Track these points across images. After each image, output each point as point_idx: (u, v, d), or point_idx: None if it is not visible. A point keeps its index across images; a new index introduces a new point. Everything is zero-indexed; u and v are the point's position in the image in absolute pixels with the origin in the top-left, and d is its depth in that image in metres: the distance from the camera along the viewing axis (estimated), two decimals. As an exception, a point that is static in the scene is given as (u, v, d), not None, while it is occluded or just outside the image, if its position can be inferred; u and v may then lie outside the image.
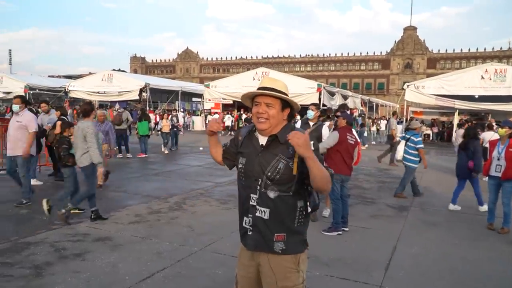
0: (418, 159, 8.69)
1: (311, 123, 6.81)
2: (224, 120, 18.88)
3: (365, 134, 28.17)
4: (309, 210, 2.35)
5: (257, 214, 2.28)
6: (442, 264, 4.99)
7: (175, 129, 16.76)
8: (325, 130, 6.87)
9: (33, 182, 8.54)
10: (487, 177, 6.90)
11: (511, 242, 5.87)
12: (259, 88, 2.28)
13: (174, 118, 17.24)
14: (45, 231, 5.57)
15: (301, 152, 2.06)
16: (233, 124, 28.17)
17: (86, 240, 5.30)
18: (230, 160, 2.52)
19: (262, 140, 2.31)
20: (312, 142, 2.20)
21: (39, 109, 11.07)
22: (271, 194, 2.24)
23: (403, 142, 9.05)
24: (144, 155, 14.12)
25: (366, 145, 21.27)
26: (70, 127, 6.50)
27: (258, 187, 2.27)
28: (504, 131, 6.45)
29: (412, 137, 8.75)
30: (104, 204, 7.21)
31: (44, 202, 6.18)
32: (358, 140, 6.52)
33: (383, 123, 27.36)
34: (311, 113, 6.83)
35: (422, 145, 8.70)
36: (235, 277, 2.50)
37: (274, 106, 2.24)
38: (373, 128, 32.70)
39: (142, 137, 14.41)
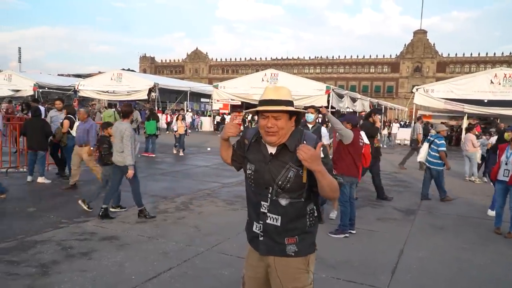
0: (441, 161, 8.73)
1: (310, 125, 6.88)
2: (184, 118, 17.84)
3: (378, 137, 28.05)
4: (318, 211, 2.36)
5: (268, 221, 2.27)
6: (449, 268, 4.95)
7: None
8: (324, 131, 7.16)
9: (41, 180, 8.66)
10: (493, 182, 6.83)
11: (519, 247, 5.80)
12: (263, 101, 2.22)
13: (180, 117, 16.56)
14: (52, 230, 5.60)
15: (308, 166, 2.07)
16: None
17: (93, 239, 5.33)
18: (238, 162, 2.51)
19: (271, 148, 2.28)
20: (321, 149, 2.17)
21: (53, 107, 11.12)
22: (283, 202, 2.24)
23: (426, 145, 9.13)
24: (152, 155, 14.13)
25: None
26: (109, 127, 6.69)
27: (269, 195, 2.25)
28: (509, 136, 6.40)
29: (435, 140, 8.78)
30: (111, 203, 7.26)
31: (81, 202, 6.55)
32: (367, 142, 6.51)
33: (395, 126, 27.14)
34: (310, 117, 6.91)
35: (444, 148, 8.72)
36: (242, 277, 2.50)
37: (282, 117, 2.19)
38: (384, 132, 32.52)
39: (150, 136, 14.41)
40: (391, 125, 29.97)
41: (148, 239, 5.43)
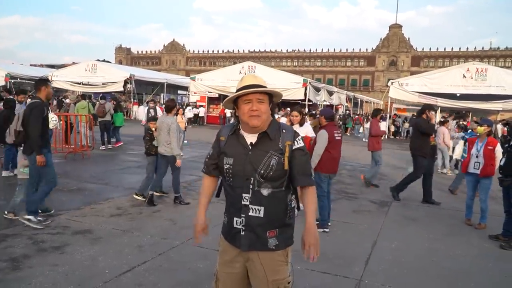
0: None
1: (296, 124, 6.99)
2: (184, 113, 17.49)
3: (361, 130, 28.17)
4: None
5: (251, 213, 2.27)
6: (421, 259, 5.07)
7: None
8: (309, 128, 7.16)
9: (5, 174, 8.45)
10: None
11: (487, 237, 5.99)
12: (244, 87, 2.26)
13: (151, 111, 14.64)
14: (23, 224, 5.47)
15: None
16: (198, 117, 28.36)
17: (65, 232, 5.23)
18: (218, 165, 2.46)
19: (250, 138, 2.30)
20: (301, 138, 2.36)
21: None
22: (265, 192, 2.25)
23: (461, 142, 9.22)
24: (121, 143, 14.41)
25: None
26: (153, 121, 7.29)
27: (251, 186, 2.25)
28: (483, 129, 6.57)
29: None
30: (85, 196, 7.14)
31: (136, 196, 7.07)
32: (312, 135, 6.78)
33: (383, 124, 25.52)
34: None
35: None
36: (214, 274, 2.49)
37: (264, 101, 2.26)
38: (366, 125, 32.74)
39: (117, 127, 14.63)
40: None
41: (123, 232, 5.37)
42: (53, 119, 8.80)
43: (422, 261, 5.00)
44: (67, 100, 24.74)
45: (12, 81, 30.87)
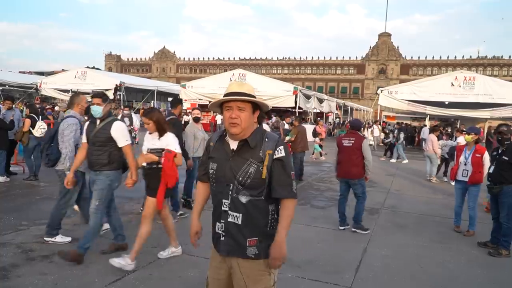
0: None
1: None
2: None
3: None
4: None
5: (230, 219, 2.28)
6: (411, 266, 5.11)
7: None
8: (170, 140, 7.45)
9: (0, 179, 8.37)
10: (453, 182, 7.08)
11: (476, 244, 6.05)
12: (228, 94, 2.27)
13: (126, 119, 11.66)
14: (12, 232, 5.41)
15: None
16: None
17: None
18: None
19: (233, 144, 2.31)
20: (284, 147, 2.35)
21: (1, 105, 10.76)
22: (243, 199, 2.26)
23: None
24: None
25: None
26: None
27: (230, 192, 2.27)
28: (471, 138, 6.66)
29: None
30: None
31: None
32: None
33: (376, 130, 22.94)
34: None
35: None
36: (206, 279, 2.51)
37: (245, 109, 2.25)
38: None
39: None
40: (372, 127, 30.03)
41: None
42: (41, 127, 8.77)
43: (412, 268, 5.03)
44: (56, 108, 24.55)
45: (0, 88, 30.60)
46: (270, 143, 2.28)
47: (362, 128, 22.37)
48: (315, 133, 17.34)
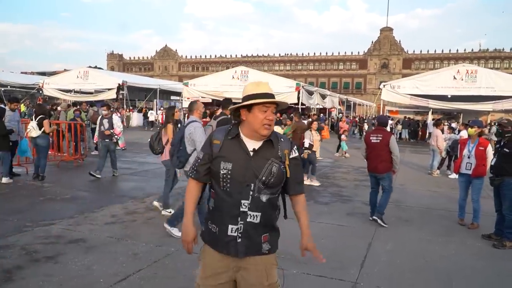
0: None
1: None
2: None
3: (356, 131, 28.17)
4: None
5: (249, 219, 2.24)
6: (416, 260, 5.09)
7: (107, 140, 10.00)
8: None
9: (4, 180, 8.39)
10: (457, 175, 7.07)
11: (480, 236, 6.04)
12: (262, 94, 2.31)
13: (105, 121, 10.06)
14: (16, 234, 5.42)
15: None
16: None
17: (59, 242, 5.18)
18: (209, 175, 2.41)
19: (251, 144, 2.28)
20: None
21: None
22: (264, 198, 2.26)
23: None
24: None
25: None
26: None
27: (251, 192, 2.23)
28: (474, 131, 6.64)
29: None
30: (78, 205, 7.10)
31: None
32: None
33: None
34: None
35: None
36: None
37: (274, 111, 2.33)
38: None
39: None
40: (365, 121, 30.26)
41: (117, 240, 5.34)
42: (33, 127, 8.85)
43: (417, 262, 5.02)
44: (58, 108, 24.64)
45: (2, 89, 30.69)
46: (285, 143, 2.37)
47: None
48: (338, 130, 17.13)
